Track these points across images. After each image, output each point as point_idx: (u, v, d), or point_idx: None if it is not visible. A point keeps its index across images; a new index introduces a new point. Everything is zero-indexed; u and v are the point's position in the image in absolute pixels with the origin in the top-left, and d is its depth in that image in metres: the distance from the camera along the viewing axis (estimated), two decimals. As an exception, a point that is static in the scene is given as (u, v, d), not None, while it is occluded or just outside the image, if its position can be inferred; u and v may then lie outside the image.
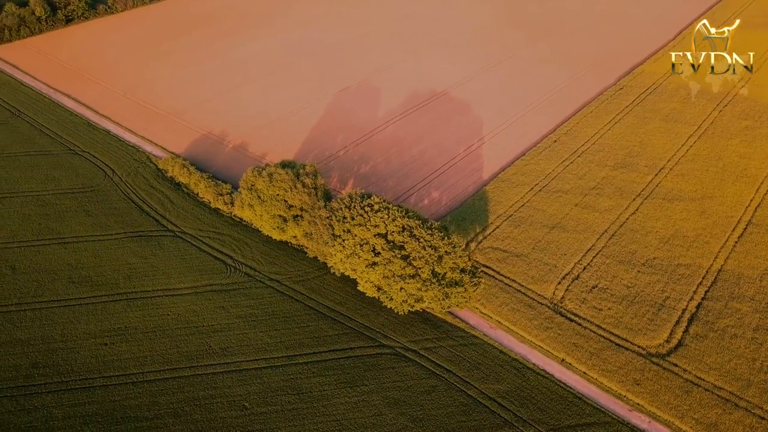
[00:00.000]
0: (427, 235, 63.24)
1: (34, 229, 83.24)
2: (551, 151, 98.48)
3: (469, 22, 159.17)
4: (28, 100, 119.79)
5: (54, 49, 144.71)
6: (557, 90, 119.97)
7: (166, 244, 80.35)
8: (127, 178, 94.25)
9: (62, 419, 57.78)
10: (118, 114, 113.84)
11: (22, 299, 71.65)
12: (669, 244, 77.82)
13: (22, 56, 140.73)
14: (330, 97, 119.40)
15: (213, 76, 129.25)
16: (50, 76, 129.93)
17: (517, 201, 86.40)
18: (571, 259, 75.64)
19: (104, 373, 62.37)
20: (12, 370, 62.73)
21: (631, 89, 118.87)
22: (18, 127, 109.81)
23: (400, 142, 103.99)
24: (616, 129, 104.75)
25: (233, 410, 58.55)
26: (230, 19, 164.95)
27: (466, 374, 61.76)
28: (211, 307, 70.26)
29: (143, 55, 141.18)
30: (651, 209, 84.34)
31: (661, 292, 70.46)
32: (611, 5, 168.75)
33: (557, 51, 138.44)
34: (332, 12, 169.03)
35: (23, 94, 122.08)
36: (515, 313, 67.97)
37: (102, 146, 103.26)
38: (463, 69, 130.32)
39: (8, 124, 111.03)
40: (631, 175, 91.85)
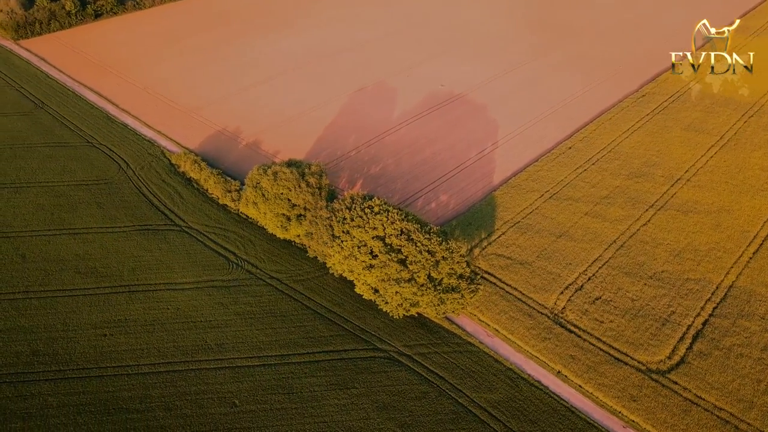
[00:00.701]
0: (425, 239, 62.60)
1: (47, 219, 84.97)
2: (565, 157, 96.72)
3: (491, 25, 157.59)
4: (52, 92, 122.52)
5: (81, 43, 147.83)
6: (577, 96, 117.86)
7: (172, 239, 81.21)
8: (140, 171, 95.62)
9: (57, 407, 58.76)
10: (137, 108, 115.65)
11: (29, 287, 73.17)
12: (679, 258, 75.68)
13: (50, 49, 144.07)
14: (346, 97, 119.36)
15: (232, 74, 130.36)
16: (75, 69, 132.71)
17: (526, 207, 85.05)
18: (576, 268, 74.11)
19: (101, 363, 63.27)
20: (13, 357, 64.08)
21: (654, 97, 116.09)
22: (40, 119, 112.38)
23: (413, 143, 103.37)
24: (635, 137, 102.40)
25: (223, 407, 58.82)
26: (254, 18, 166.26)
27: (459, 382, 60.97)
28: (210, 303, 70.76)
29: (166, 51, 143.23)
30: (663, 221, 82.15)
31: (667, 307, 68.53)
32: (640, 11, 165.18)
33: (580, 56, 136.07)
34: (354, 13, 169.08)
35: (48, 86, 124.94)
36: (513, 322, 66.86)
37: (119, 139, 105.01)
38: (482, 72, 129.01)
39: (32, 116, 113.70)
40: (646, 184, 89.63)
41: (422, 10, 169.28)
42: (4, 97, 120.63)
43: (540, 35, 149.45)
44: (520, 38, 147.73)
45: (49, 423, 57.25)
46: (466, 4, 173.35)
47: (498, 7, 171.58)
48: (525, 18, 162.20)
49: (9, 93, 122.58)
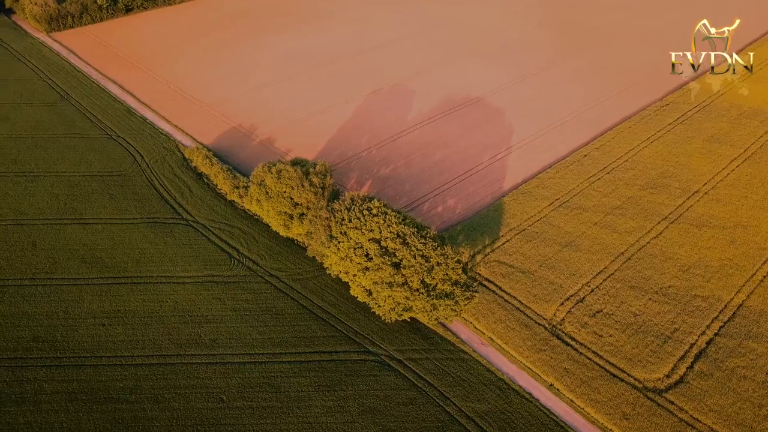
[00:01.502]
0: (420, 243, 61.92)
1: (60, 209, 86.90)
2: (579, 165, 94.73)
3: (514, 29, 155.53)
4: (78, 84, 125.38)
5: (110, 37, 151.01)
6: (597, 102, 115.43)
7: (178, 233, 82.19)
8: (154, 165, 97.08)
9: (50, 393, 59.93)
10: (158, 102, 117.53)
11: (36, 274, 74.89)
12: (688, 273, 73.34)
13: (80, 42, 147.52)
14: (362, 97, 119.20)
15: (252, 71, 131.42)
16: (102, 62, 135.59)
17: (534, 215, 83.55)
18: (579, 280, 72.46)
19: (96, 353, 64.32)
20: (14, 342, 65.62)
21: (677, 106, 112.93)
22: (64, 110, 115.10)
23: (425, 146, 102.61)
24: (653, 147, 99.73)
25: (210, 402, 59.18)
26: (278, 16, 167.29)
27: (448, 390, 60.14)
28: (208, 298, 71.33)
29: (191, 46, 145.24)
30: (676, 234, 79.76)
31: (671, 324, 66.44)
32: (669, 17, 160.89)
33: (604, 62, 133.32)
34: (376, 14, 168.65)
35: (75, 78, 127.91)
36: (509, 332, 65.67)
37: (137, 132, 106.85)
38: (502, 76, 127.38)
39: (56, 107, 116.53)
40: (661, 196, 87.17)
41: (444, 13, 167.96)
42: (32, 88, 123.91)
43: (564, 40, 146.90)
44: (544, 43, 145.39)
45: (42, 408, 58.40)
46: (489, 8, 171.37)
47: (522, 11, 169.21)
48: (550, 22, 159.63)
49: (37, 84, 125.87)
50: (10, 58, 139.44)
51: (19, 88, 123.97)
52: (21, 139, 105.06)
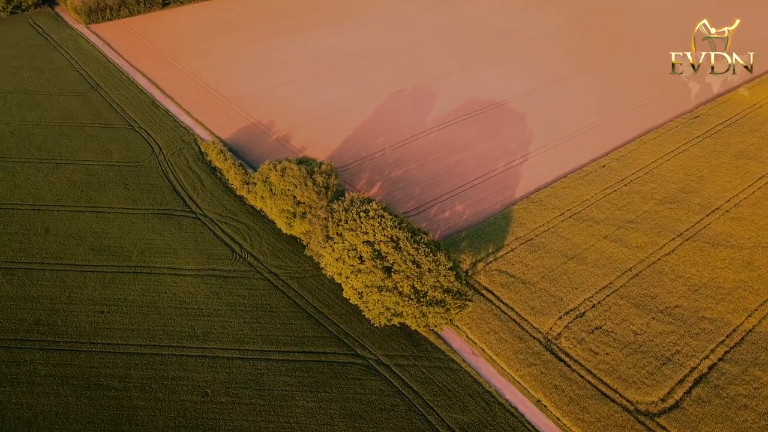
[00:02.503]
0: (412, 248, 61.07)
1: (76, 196, 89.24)
2: (596, 176, 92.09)
3: (544, 33, 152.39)
4: (108, 75, 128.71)
5: (144, 30, 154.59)
6: (624, 112, 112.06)
7: (185, 225, 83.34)
8: (171, 157, 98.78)
9: (44, 376, 61.49)
10: (182, 95, 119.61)
11: (45, 259, 77.04)
12: (698, 294, 70.37)
13: (115, 35, 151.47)
14: (383, 98, 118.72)
15: (280, 68, 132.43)
16: (133, 54, 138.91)
17: (542, 225, 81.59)
18: (580, 294, 70.38)
19: (92, 339, 65.71)
20: (16, 323, 67.62)
21: (708, 118, 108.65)
22: (92, 100, 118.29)
23: (441, 149, 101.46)
24: (677, 160, 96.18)
25: (195, 395, 59.71)
26: (314, 13, 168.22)
27: (432, 399, 59.19)
28: (206, 291, 72.06)
29: (221, 41, 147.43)
30: (689, 252, 76.68)
31: (672, 345, 63.84)
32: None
33: (634, 70, 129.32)
34: (404, 14, 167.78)
35: (106, 69, 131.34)
36: (502, 343, 64.21)
37: (158, 125, 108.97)
38: (528, 81, 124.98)
39: (85, 96, 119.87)
40: (679, 212, 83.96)
41: (474, 15, 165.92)
42: (65, 78, 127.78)
43: (596, 45, 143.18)
44: (575, 48, 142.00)
45: (34, 390, 59.94)
46: (523, 13, 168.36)
47: (553, 14, 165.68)
48: (581, 27, 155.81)
49: (70, 74, 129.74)
50: (48, 48, 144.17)
51: (53, 77, 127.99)
52: (49, 127, 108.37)
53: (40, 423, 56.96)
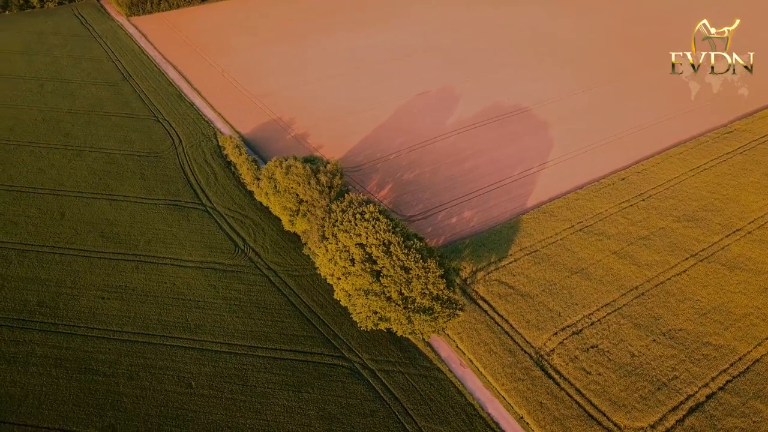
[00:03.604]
0: (402, 254, 60.26)
1: (94, 183, 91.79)
2: (613, 189, 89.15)
3: (580, 38, 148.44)
4: (141, 66, 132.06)
5: (181, 24, 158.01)
6: (653, 123, 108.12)
7: (194, 217, 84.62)
8: (189, 149, 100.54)
9: (40, 357, 63.38)
10: (208, 89, 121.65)
11: (57, 243, 79.46)
12: (705, 318, 67.23)
13: (153, 27, 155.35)
14: (406, 99, 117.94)
15: (308, 66, 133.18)
16: (167, 47, 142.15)
17: (550, 236, 79.46)
18: (580, 310, 68.18)
19: (90, 324, 67.35)
20: (21, 304, 69.94)
21: (742, 134, 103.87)
22: (122, 90, 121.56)
23: (457, 153, 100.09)
24: (702, 176, 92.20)
25: (179, 386, 60.48)
26: (350, 13, 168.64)
27: (413, 407, 58.34)
28: (204, 284, 72.95)
29: (253, 38, 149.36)
30: (702, 273, 73.36)
31: (671, 370, 61.14)
32: (761, 39, 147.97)
33: (670, 79, 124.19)
34: (439, 16, 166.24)
35: (139, 61, 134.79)
36: (491, 356, 62.77)
37: (181, 117, 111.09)
38: (557, 87, 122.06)
39: (116, 86, 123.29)
40: (696, 231, 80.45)
41: (511, 19, 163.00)
42: (100, 68, 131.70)
43: (633, 54, 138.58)
44: (611, 55, 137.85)
45: (28, 370, 61.82)
46: (556, 17, 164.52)
47: (591, 18, 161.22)
48: (619, 35, 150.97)
49: (106, 64, 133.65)
50: (89, 38, 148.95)
51: (89, 67, 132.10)
52: (78, 115, 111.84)
53: (30, 402, 58.68)
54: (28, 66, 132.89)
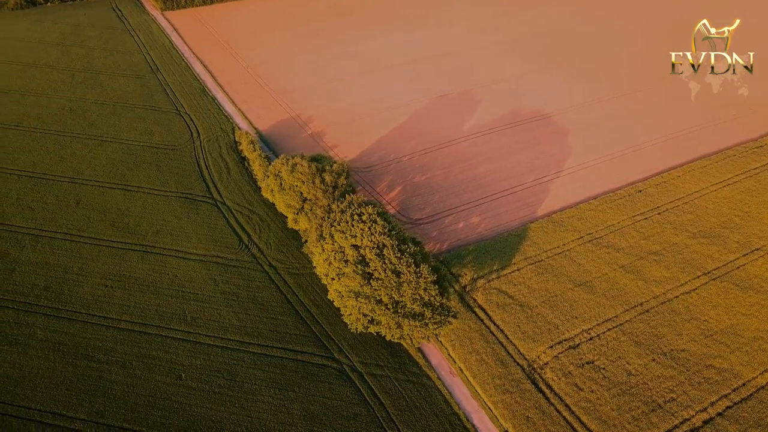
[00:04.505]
0: (395, 257, 59.69)
1: (112, 173, 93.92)
2: (628, 201, 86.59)
3: (614, 44, 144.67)
4: (169, 60, 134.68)
5: (213, 19, 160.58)
6: (679, 134, 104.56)
7: (203, 210, 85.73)
8: (206, 143, 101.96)
9: (40, 340, 65.09)
10: (231, 85, 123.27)
11: (69, 230, 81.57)
12: (711, 339, 64.64)
13: (185, 22, 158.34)
14: (426, 101, 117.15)
15: (332, 63, 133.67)
16: (197, 41, 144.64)
17: (557, 247, 77.66)
18: (579, 324, 66.38)
19: (91, 311, 68.85)
20: (29, 287, 71.99)
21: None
22: (149, 83, 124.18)
23: (471, 158, 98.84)
24: (724, 192, 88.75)
25: (169, 377, 61.25)
26: (377, 11, 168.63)
27: (397, 413, 57.76)
28: (205, 277, 73.78)
29: (282, 35, 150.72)
30: (713, 293, 70.58)
31: (668, 392, 58.98)
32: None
33: (704, 89, 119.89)
34: (471, 18, 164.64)
35: (168, 55, 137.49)
36: (481, 365, 61.66)
37: (202, 111, 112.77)
38: (583, 94, 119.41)
39: (143, 79, 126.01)
40: (712, 248, 77.46)
41: (543, 22, 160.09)
42: (130, 60, 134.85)
43: (665, 61, 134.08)
44: (644, 62, 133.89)
45: (28, 353, 63.54)
46: (590, 19, 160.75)
47: (631, 23, 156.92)
48: (655, 41, 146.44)
49: (136, 57, 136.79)
50: (123, 31, 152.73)
51: (120, 59, 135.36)
52: (104, 106, 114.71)
53: (26, 384, 60.29)
54: (62, 56, 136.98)
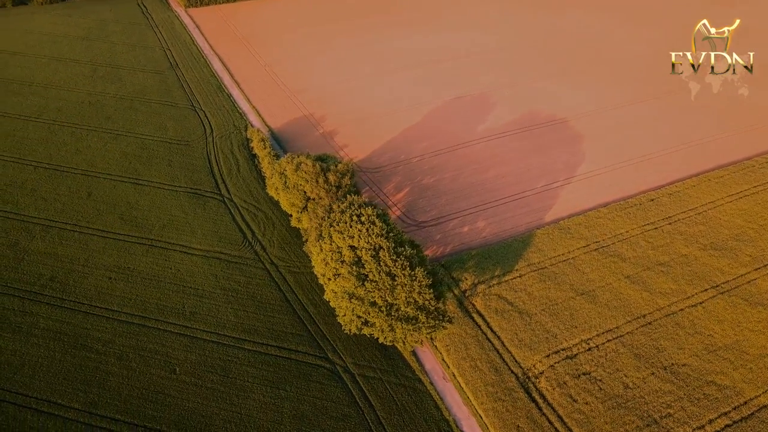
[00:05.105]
0: (390, 260, 59.37)
1: (124, 166, 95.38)
2: (639, 209, 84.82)
3: (638, 50, 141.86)
4: (189, 56, 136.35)
5: (235, 16, 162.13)
6: (697, 143, 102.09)
7: (210, 206, 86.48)
8: (218, 140, 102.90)
9: (42, 329, 66.33)
10: (248, 82, 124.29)
11: (79, 221, 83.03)
12: (714, 355, 62.88)
13: (207, 19, 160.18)
14: (440, 103, 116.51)
15: (350, 63, 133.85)
16: (217, 38, 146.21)
17: (562, 254, 76.45)
18: (579, 333, 65.21)
19: (93, 302, 69.95)
20: (35, 277, 73.46)
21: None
22: (167, 79, 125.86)
23: (482, 161, 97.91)
24: (740, 204, 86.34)
25: (164, 370, 61.87)
26: (396, 13, 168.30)
27: (386, 416, 57.44)
28: (206, 273, 74.37)
29: (302, 34, 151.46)
30: (720, 307, 68.69)
31: (665, 407, 57.55)
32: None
33: (729, 97, 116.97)
34: (496, 20, 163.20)
35: (188, 50, 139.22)
36: (475, 372, 60.95)
37: (217, 108, 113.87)
38: (600, 99, 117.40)
39: (162, 75, 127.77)
40: (723, 261, 75.42)
41: (566, 26, 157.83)
42: (151, 56, 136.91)
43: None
44: (666, 66, 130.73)
45: (30, 341, 64.80)
46: (612, 27, 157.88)
47: (652, 30, 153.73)
48: (678, 44, 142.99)
49: (157, 53, 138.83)
50: (146, 27, 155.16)
51: (141, 54, 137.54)
52: (122, 100, 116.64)
53: (25, 371, 61.49)
54: (86, 51, 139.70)
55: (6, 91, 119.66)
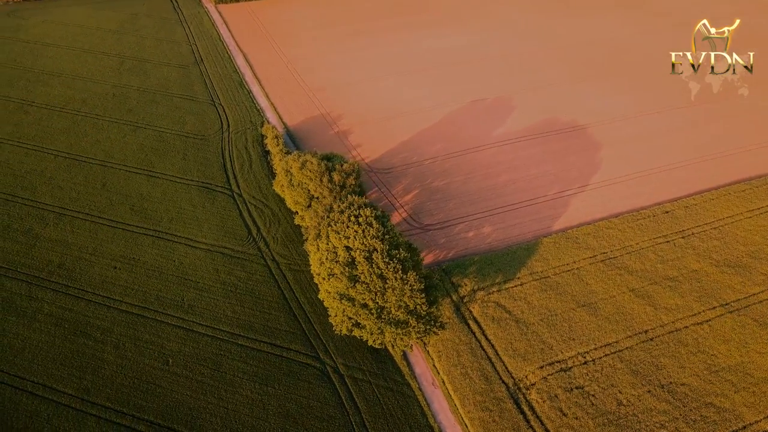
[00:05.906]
0: (382, 262, 58.96)
1: (140, 158, 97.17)
2: (652, 221, 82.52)
3: (658, 57, 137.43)
4: (214, 51, 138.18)
5: (263, 14, 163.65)
6: (719, 155, 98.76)
7: (219, 201, 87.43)
8: (234, 135, 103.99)
9: (45, 314, 68.05)
10: (268, 78, 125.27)
11: (90, 211, 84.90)
12: (716, 376, 60.71)
13: (236, 15, 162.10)
14: (459, 105, 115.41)
15: (371, 63, 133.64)
16: (243, 35, 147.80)
17: (566, 264, 74.88)
18: (576, 346, 63.76)
19: (97, 290, 71.41)
20: (45, 263, 75.40)
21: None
22: (191, 73, 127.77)
23: (494, 166, 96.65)
24: (759, 220, 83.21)
25: (157, 361, 62.77)
26: (419, 14, 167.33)
27: (371, 419, 57.12)
28: (208, 267, 75.17)
29: (327, 32, 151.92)
30: (727, 326, 66.30)
31: (658, 427, 55.81)
32: None
33: (758, 108, 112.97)
34: (522, 22, 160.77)
35: (214, 46, 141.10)
36: (464, 380, 60.12)
37: (236, 104, 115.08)
38: (623, 107, 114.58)
39: (187, 69, 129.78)
40: (735, 278, 72.79)
41: (592, 30, 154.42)
42: (177, 50, 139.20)
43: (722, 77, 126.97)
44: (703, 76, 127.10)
45: (32, 326, 66.53)
46: (641, 33, 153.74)
47: (678, 37, 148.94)
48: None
49: (183, 47, 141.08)
50: (176, 22, 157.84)
51: (168, 49, 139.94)
52: (145, 93, 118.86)
53: (25, 355, 63.16)
54: (116, 44, 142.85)
55: (36, 81, 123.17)
